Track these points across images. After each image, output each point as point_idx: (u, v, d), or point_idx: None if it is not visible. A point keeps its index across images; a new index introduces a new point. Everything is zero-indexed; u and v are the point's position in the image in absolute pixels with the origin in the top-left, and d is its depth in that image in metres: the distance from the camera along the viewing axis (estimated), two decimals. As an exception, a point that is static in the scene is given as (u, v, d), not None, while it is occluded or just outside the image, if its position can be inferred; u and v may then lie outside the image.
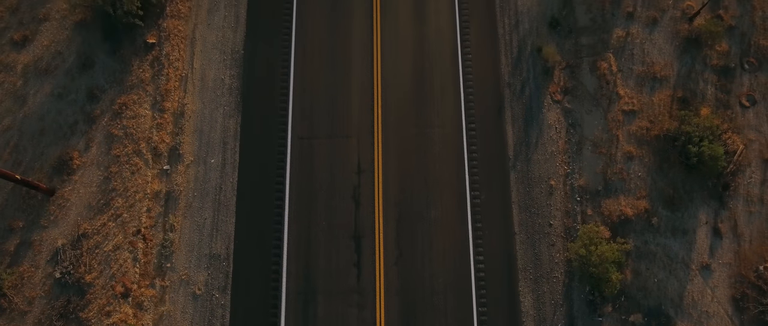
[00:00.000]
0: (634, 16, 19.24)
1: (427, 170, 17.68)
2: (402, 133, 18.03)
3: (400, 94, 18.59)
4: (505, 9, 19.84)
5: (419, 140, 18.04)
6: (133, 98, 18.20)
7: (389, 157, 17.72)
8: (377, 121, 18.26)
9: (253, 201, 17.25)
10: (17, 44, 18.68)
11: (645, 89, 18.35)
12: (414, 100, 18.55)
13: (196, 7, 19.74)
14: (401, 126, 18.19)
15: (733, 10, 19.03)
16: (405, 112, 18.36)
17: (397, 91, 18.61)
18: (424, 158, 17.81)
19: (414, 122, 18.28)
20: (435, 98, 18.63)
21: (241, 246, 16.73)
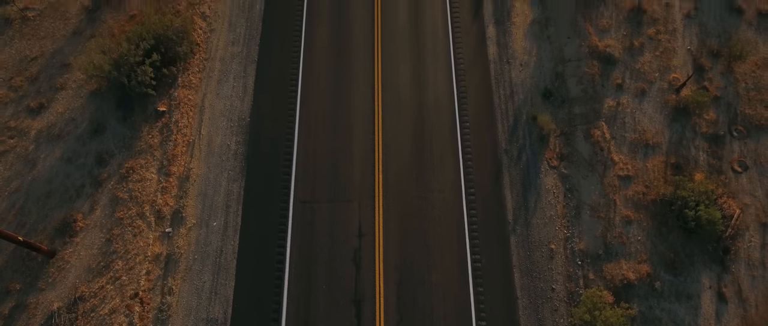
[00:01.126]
0: (623, 87, 20.12)
1: (428, 234, 17.69)
2: (403, 197, 18.23)
3: (401, 159, 19.01)
4: (500, 80, 20.78)
5: (420, 204, 18.20)
6: (140, 162, 18.60)
7: (390, 220, 17.80)
8: (378, 185, 18.53)
9: (254, 265, 17.10)
10: (33, 111, 19.39)
11: (638, 155, 18.80)
12: (414, 165, 18.93)
13: (206, 78, 20.68)
14: (402, 190, 18.43)
15: (717, 81, 19.94)
16: (406, 177, 18.68)
17: (397, 157, 19.04)
18: (425, 222, 17.88)
19: (414, 187, 18.54)
20: (435, 164, 19.01)
21: (239, 310, 16.37)
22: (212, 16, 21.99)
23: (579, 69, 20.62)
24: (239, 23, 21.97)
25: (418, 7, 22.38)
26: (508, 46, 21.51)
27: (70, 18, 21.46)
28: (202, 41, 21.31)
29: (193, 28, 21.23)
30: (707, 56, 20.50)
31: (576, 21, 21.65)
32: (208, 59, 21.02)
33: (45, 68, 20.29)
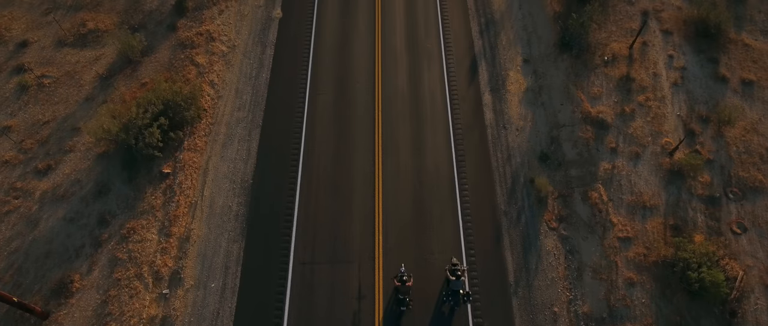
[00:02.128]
0: (617, 150, 20.48)
1: (428, 296, 17.27)
2: (403, 259, 17.99)
3: (401, 221, 18.97)
4: (498, 144, 21.19)
5: (420, 267, 17.93)
6: (142, 223, 18.56)
7: (390, 283, 17.46)
8: (378, 247, 18.37)
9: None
10: (40, 172, 19.63)
11: (637, 217, 18.78)
12: (414, 227, 18.87)
13: (212, 141, 21.12)
14: (402, 252, 18.23)
15: (709, 145, 20.33)
16: (405, 239, 18.55)
17: (397, 219, 19.01)
18: (425, 285, 17.52)
19: (414, 249, 18.36)
20: (434, 226, 18.96)
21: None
22: (220, 84, 22.83)
23: (573, 133, 21.09)
24: (246, 90, 22.76)
25: (417, 75, 23.29)
26: (504, 112, 22.15)
27: (84, 85, 22.29)
28: (209, 107, 21.98)
29: (202, 95, 21.97)
30: (697, 121, 21.06)
31: (568, 89, 22.44)
32: (214, 124, 21.58)
33: (56, 131, 20.79)
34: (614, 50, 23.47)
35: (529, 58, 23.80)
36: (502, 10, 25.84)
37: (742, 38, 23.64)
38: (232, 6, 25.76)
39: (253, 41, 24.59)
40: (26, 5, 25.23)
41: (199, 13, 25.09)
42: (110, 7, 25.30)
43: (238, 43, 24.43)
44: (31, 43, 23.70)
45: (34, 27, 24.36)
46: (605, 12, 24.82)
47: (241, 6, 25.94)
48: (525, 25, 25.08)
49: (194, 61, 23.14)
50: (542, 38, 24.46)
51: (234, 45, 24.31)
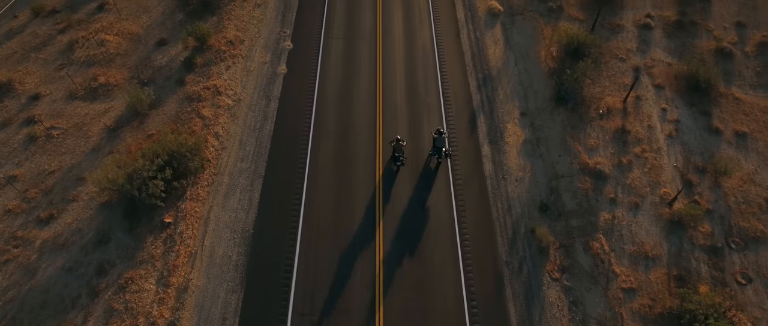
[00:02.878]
0: (616, 201, 20.45)
1: None
2: (403, 310, 17.55)
3: (402, 273, 18.64)
4: (497, 195, 21.19)
5: (420, 319, 17.45)
6: (140, 273, 18.25)
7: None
8: (379, 298, 17.95)
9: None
10: (42, 221, 19.54)
11: (640, 267, 18.47)
12: (415, 278, 18.52)
13: (214, 191, 21.15)
14: (402, 303, 17.80)
15: (707, 195, 20.32)
16: (406, 291, 18.16)
17: (398, 271, 18.69)
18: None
19: (415, 299, 17.94)
20: (435, 276, 18.61)
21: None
22: (225, 136, 23.16)
23: (572, 184, 21.14)
24: (249, 142, 23.06)
25: (417, 128, 23.64)
26: (503, 164, 22.30)
27: (91, 136, 22.62)
28: (213, 157, 22.19)
29: (206, 146, 22.23)
30: (694, 172, 21.15)
31: (565, 141, 22.71)
32: (217, 174, 21.70)
33: (60, 181, 20.88)
34: (609, 104, 23.96)
35: (526, 112, 24.26)
36: (498, 67, 26.61)
37: (732, 92, 24.20)
38: (239, 62, 26.59)
39: (258, 95, 25.18)
40: (41, 61, 26.08)
41: (207, 68, 25.86)
42: (122, 63, 26.12)
43: (243, 96, 25.02)
44: (43, 96, 24.30)
45: (48, 81, 25.06)
46: (598, 68, 25.56)
47: (248, 62, 26.77)
48: (521, 81, 25.74)
49: (200, 114, 23.59)
50: (538, 92, 25.05)
51: (239, 98, 24.88)
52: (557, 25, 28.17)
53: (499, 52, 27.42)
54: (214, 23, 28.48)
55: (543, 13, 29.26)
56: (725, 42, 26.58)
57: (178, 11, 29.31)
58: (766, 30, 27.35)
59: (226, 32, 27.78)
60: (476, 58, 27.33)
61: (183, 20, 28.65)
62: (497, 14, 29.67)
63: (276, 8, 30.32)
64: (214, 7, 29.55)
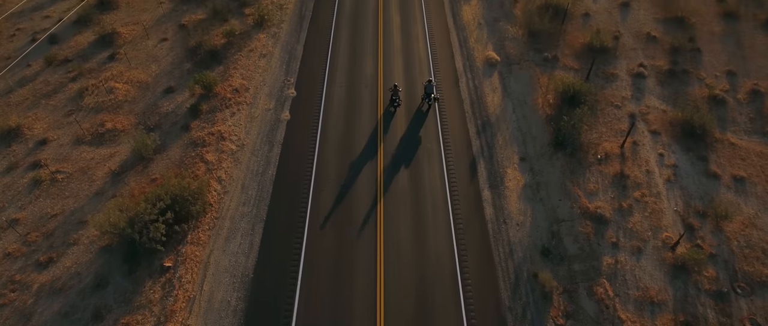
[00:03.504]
0: (618, 245, 20.20)
1: None
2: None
3: (403, 318, 18.17)
4: (499, 239, 20.96)
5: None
6: (137, 318, 17.80)
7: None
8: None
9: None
10: (41, 265, 19.26)
11: (646, 313, 18.00)
12: (416, 322, 18.03)
13: (215, 235, 20.96)
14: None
15: (710, 239, 20.08)
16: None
17: (399, 316, 18.23)
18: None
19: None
20: (438, 321, 18.12)
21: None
22: (227, 180, 23.21)
23: (573, 228, 20.96)
24: (252, 186, 23.08)
25: (417, 172, 23.71)
26: (503, 208, 22.20)
27: (95, 180, 22.68)
28: (215, 202, 22.13)
29: (209, 190, 22.23)
30: (694, 216, 21.01)
31: (565, 185, 22.71)
32: (219, 218, 21.57)
33: (62, 225, 20.75)
34: (606, 149, 24.12)
35: (526, 157, 24.39)
36: (497, 114, 27.00)
37: (727, 138, 24.42)
38: (243, 109, 27.03)
39: (262, 140, 25.44)
40: (51, 107, 26.55)
41: (212, 115, 26.26)
42: (129, 110, 26.57)
43: (247, 142, 25.26)
44: (51, 141, 24.56)
45: (56, 127, 25.41)
46: (594, 115, 25.92)
47: (252, 109, 27.22)
48: (519, 127, 26.04)
49: (204, 159, 23.75)
50: (537, 138, 25.28)
51: (243, 144, 25.12)
52: (553, 74, 28.81)
53: (497, 100, 27.90)
54: (221, 72, 29.18)
55: (539, 63, 29.98)
56: (717, 89, 27.09)
57: (186, 61, 30.10)
58: (756, 78, 27.92)
59: (232, 80, 28.42)
60: (475, 105, 27.78)
61: (191, 69, 29.37)
62: (494, 64, 30.41)
63: (281, 58, 31.14)
64: (221, 56, 30.37)
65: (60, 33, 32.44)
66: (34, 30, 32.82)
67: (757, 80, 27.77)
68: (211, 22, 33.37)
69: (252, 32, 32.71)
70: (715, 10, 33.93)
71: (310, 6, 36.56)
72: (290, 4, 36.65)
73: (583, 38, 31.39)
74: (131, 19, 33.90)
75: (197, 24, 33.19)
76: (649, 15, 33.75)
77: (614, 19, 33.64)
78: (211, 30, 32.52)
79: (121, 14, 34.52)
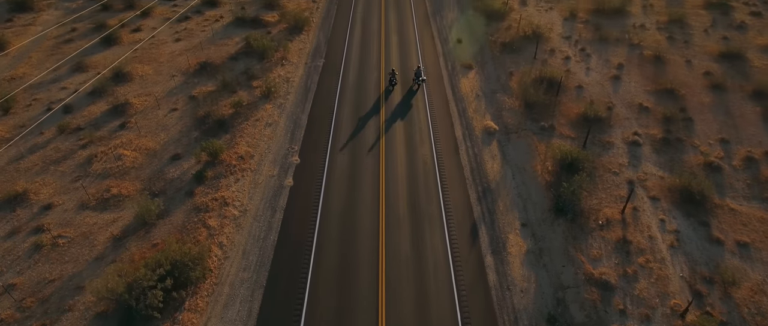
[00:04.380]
0: (626, 313, 19.45)
1: None
2: None
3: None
4: (503, 306, 20.24)
5: None
6: (127, 390, 16.83)
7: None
8: None
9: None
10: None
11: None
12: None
13: (213, 301, 20.31)
14: None
15: (719, 307, 19.36)
16: None
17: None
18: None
19: None
20: (442, 395, 17.10)
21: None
22: (229, 245, 22.86)
23: (579, 295, 20.30)
24: (253, 252, 22.69)
25: (419, 238, 23.38)
26: (507, 274, 21.65)
27: (96, 245, 22.36)
28: (215, 267, 21.66)
29: (209, 256, 21.83)
30: (702, 282, 20.41)
31: (568, 251, 22.29)
32: (218, 284, 21.01)
33: (59, 290, 20.19)
34: (607, 215, 23.93)
35: (527, 223, 24.16)
36: (497, 180, 27.09)
37: (727, 203, 24.29)
38: (247, 175, 27.20)
39: (264, 206, 25.35)
40: (59, 173, 26.76)
41: (216, 181, 26.39)
42: (135, 176, 26.75)
43: (249, 207, 25.17)
44: (55, 206, 24.51)
45: (62, 192, 25.46)
46: (593, 181, 25.99)
47: (257, 176, 27.39)
48: (520, 193, 26.02)
49: (206, 224, 23.55)
50: (537, 204, 25.17)
51: (246, 209, 25.01)
52: (550, 142, 29.24)
53: (496, 167, 28.11)
54: (228, 140, 29.69)
55: (536, 132, 30.53)
56: (712, 156, 27.34)
57: (194, 129, 30.73)
58: (749, 146, 28.27)
59: (237, 148, 28.84)
60: (475, 172, 27.94)
61: (198, 137, 29.91)
62: (493, 132, 30.97)
63: (286, 127, 31.80)
64: (229, 125, 31.04)
65: (75, 103, 33.42)
66: (50, 100, 33.85)
67: (750, 147, 28.11)
68: (221, 94, 34.45)
69: (259, 103, 33.66)
70: (702, 83, 35.07)
71: (316, 79, 37.89)
72: (296, 77, 38.03)
73: (577, 108, 32.19)
74: (144, 91, 35.04)
75: (207, 95, 34.25)
76: (639, 87, 34.84)
77: (606, 90, 34.68)
78: (220, 101, 33.51)
79: (134, 86, 35.73)
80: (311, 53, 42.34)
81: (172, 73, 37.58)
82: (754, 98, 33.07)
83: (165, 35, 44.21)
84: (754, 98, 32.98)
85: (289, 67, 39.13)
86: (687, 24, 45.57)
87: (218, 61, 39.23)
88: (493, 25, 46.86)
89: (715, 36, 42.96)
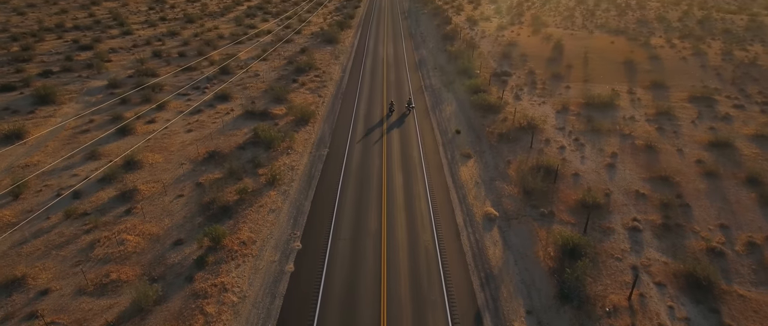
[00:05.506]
0: None
1: None
2: None
3: None
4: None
5: None
6: None
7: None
8: None
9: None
10: None
11: None
12: None
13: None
14: None
15: (741, 401, 17.98)
16: None
17: None
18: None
19: None
20: None
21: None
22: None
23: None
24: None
25: (421, 323, 22.38)
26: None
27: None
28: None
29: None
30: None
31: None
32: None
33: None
34: (614, 302, 23.05)
35: (532, 310, 23.22)
36: (499, 266, 26.49)
37: (734, 289, 23.46)
38: (248, 261, 26.69)
39: (264, 292, 24.58)
40: (60, 258, 26.31)
41: (217, 266, 25.85)
42: (136, 261, 26.27)
43: (249, 293, 24.40)
44: (53, 291, 23.81)
45: (61, 277, 24.86)
46: (597, 267, 25.37)
47: (258, 261, 26.87)
48: (523, 279, 25.31)
49: (204, 311, 22.69)
50: (542, 291, 24.37)
51: (245, 295, 24.22)
52: (551, 228, 28.98)
53: (498, 253, 27.61)
54: (231, 226, 29.53)
55: (536, 218, 30.38)
56: (714, 242, 26.91)
57: (198, 215, 30.71)
58: (749, 231, 27.94)
59: (240, 233, 28.60)
60: (477, 258, 27.41)
61: (202, 223, 29.79)
62: (493, 219, 30.82)
63: (289, 213, 31.77)
64: (233, 211, 31.05)
65: (84, 189, 33.76)
66: (60, 186, 34.24)
67: (751, 232, 27.76)
68: (227, 181, 34.88)
69: (263, 190, 33.95)
70: (695, 170, 35.51)
71: (320, 167, 38.55)
72: (301, 165, 38.72)
73: (575, 195, 32.32)
74: (153, 178, 35.54)
75: (213, 182, 34.66)
76: (634, 175, 35.24)
77: (602, 178, 35.05)
78: (226, 187, 33.83)
79: (144, 173, 36.30)
80: (316, 143, 43.49)
81: (181, 161, 38.37)
82: (749, 185, 33.27)
83: (177, 126, 45.76)
84: (748, 185, 33.19)
85: (294, 156, 39.98)
86: (674, 116, 47.17)
87: (226, 150, 40.20)
88: (490, 117, 48.56)
89: (703, 126, 44.27)
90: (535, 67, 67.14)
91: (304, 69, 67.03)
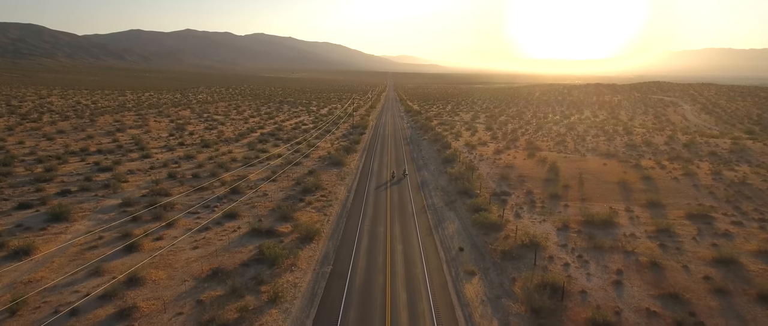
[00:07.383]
0: None
1: None
2: None
3: None
4: None
5: None
6: None
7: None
8: None
9: None
10: None
11: None
12: None
13: None
14: None
15: None
16: None
17: None
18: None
19: None
20: None
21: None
22: None
23: None
24: None
25: None
26: None
27: None
28: None
29: None
30: None
31: None
32: None
33: None
34: None
35: None
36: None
37: None
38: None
39: None
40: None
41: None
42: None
43: None
44: None
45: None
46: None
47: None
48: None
49: None
50: None
51: None
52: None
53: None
54: (228, 345, 27.80)
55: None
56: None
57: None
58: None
59: (237, 354, 26.80)
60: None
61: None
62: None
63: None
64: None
65: (83, 306, 32.48)
66: (59, 303, 33.00)
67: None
68: (228, 298, 33.67)
69: (265, 307, 32.61)
70: (704, 287, 34.19)
71: (323, 284, 37.41)
72: (303, 282, 37.63)
73: (585, 313, 30.79)
74: (154, 295, 34.38)
75: (214, 300, 33.43)
76: (642, 291, 33.90)
77: (610, 295, 33.67)
78: (227, 305, 32.54)
79: (145, 290, 35.21)
80: (320, 260, 42.74)
81: (184, 278, 37.44)
82: (761, 301, 31.77)
83: (184, 243, 45.46)
84: (760, 301, 31.68)
85: (297, 273, 39.05)
86: (674, 233, 46.73)
87: (230, 267, 39.41)
88: (492, 234, 48.23)
89: (705, 243, 43.59)
90: (532, 188, 68.35)
91: (311, 189, 68.41)
